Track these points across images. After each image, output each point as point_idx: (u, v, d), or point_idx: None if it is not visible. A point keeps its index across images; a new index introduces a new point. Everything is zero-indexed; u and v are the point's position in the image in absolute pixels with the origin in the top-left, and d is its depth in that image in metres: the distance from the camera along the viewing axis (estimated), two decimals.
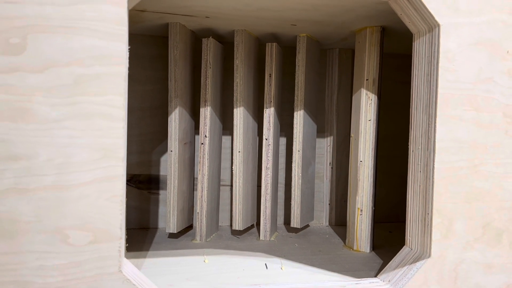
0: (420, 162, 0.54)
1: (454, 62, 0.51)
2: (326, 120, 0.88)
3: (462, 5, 0.51)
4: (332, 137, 0.87)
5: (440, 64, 0.51)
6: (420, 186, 0.54)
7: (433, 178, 0.52)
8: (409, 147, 0.56)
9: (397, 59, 0.90)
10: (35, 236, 0.42)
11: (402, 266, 0.54)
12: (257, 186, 0.82)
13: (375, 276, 0.59)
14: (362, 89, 0.70)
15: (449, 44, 0.51)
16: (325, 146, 0.88)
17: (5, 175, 0.41)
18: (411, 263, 0.54)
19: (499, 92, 0.53)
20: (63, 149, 0.43)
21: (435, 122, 0.51)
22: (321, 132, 0.88)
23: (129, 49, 0.45)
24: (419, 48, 0.55)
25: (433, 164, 0.51)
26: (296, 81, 0.75)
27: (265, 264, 0.63)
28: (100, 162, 0.44)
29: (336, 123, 0.86)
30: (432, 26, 0.52)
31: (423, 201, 0.53)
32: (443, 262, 0.52)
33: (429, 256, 0.52)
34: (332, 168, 0.87)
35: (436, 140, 0.51)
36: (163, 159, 0.81)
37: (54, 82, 0.42)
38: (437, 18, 0.51)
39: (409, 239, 0.56)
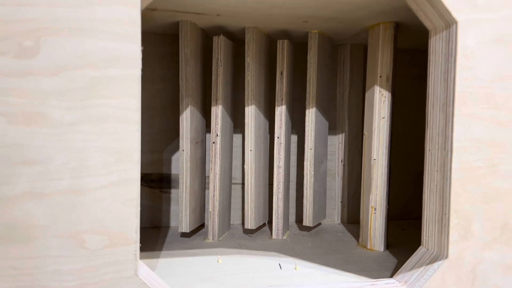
0: (437, 162, 0.53)
1: (472, 59, 0.50)
2: (338, 117, 0.87)
3: (480, 0, 0.50)
4: (343, 134, 0.86)
5: (457, 62, 0.50)
6: (436, 186, 0.53)
7: (450, 178, 0.51)
8: (425, 146, 0.56)
9: (408, 54, 0.89)
10: (51, 241, 0.42)
11: (419, 267, 0.54)
12: (269, 184, 0.81)
13: (391, 276, 0.58)
14: (375, 86, 0.69)
15: (467, 41, 0.50)
16: (337, 143, 0.87)
17: (20, 180, 0.41)
18: (427, 264, 0.53)
19: None
20: (78, 153, 0.42)
21: (452, 121, 0.50)
22: (332, 129, 0.87)
23: (142, 50, 0.44)
24: (435, 45, 0.54)
25: (451, 164, 0.51)
26: (307, 78, 0.74)
27: (279, 264, 0.62)
28: (115, 166, 0.43)
29: (348, 120, 0.85)
30: (449, 23, 0.51)
31: (440, 201, 0.52)
32: (461, 263, 0.52)
33: (447, 257, 0.51)
34: (344, 165, 0.87)
35: (453, 140, 0.50)
36: (174, 157, 0.81)
37: (67, 85, 0.42)
38: (454, 14, 0.49)
39: (425, 239, 0.55)
